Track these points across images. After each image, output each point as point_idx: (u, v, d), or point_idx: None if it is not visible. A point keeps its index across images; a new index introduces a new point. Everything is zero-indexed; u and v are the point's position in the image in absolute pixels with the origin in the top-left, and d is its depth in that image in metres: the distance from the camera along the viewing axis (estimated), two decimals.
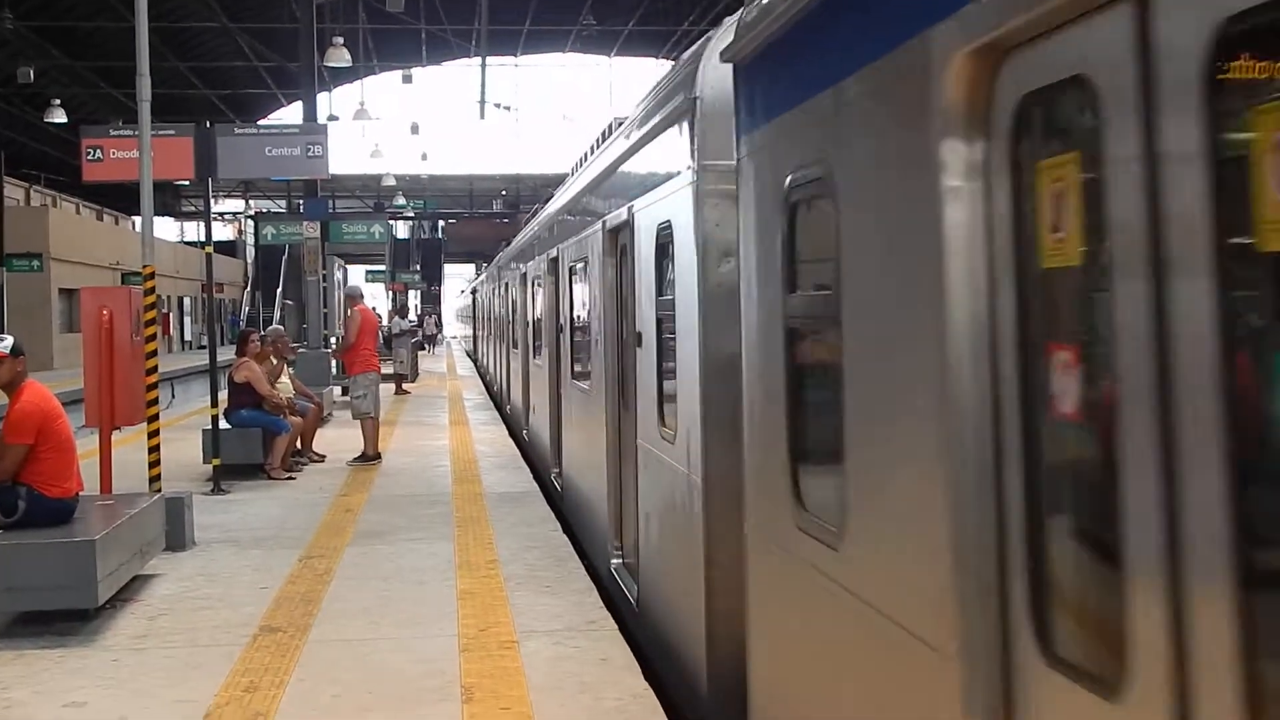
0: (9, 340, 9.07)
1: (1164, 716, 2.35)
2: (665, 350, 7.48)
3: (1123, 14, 2.48)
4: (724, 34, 6.23)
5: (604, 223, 9.91)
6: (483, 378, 36.90)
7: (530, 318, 18.60)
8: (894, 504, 3.59)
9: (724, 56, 5.67)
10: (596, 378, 10.58)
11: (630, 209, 8.54)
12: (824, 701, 4.38)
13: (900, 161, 3.48)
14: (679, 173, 6.96)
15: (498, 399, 27.46)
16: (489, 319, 34.96)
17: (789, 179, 4.55)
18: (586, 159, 12.81)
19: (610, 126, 11.21)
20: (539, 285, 16.78)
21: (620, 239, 9.37)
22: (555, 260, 14.64)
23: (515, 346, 21.95)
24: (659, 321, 7.64)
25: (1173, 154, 2.34)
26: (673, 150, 7.21)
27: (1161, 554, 2.36)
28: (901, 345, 3.49)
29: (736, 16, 5.68)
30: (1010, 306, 3.00)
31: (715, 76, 6.27)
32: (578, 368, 12.48)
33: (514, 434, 20.71)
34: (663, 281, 7.55)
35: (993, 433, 3.06)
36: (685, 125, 6.81)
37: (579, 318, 12.35)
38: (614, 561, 9.78)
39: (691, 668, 6.77)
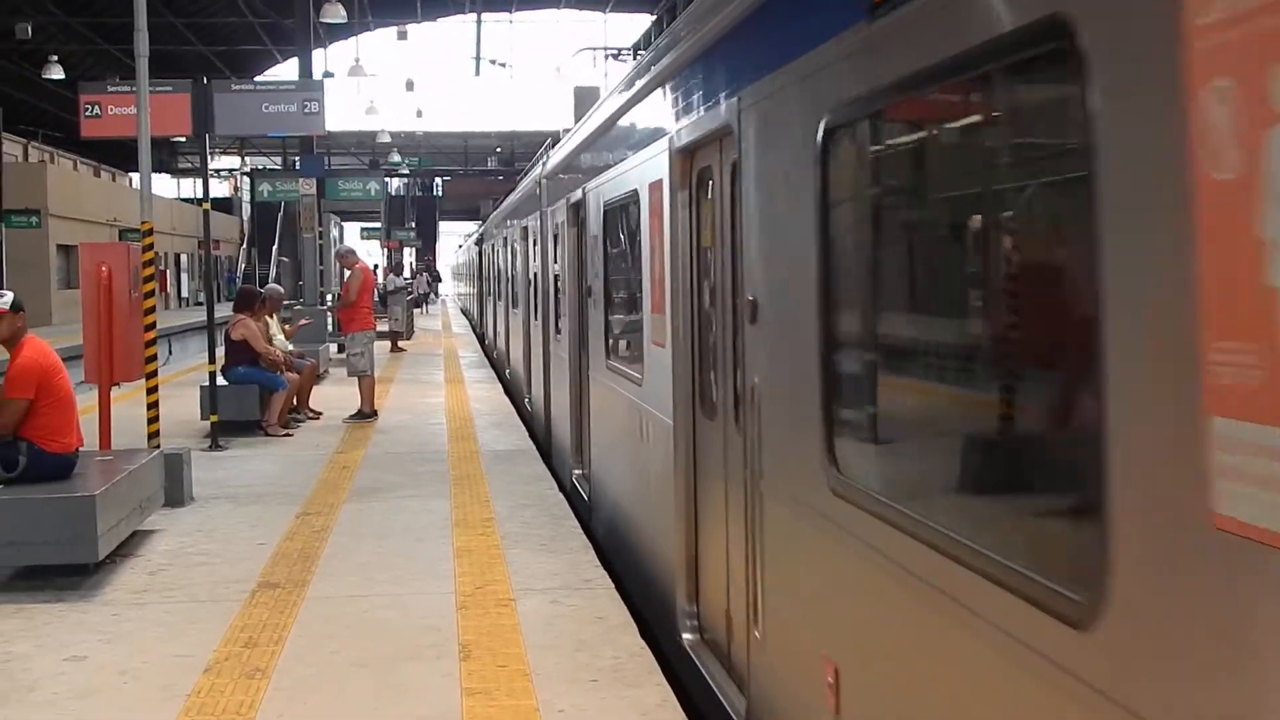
0: (9, 296, 9.10)
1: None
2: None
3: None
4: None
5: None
6: (475, 329, 37.11)
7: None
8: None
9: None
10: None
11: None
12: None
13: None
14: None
15: (489, 350, 27.76)
16: (478, 276, 36.92)
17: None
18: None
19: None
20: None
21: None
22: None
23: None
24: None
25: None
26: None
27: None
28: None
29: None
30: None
31: None
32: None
33: (499, 374, 21.78)
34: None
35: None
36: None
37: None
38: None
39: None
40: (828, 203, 4.34)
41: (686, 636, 6.90)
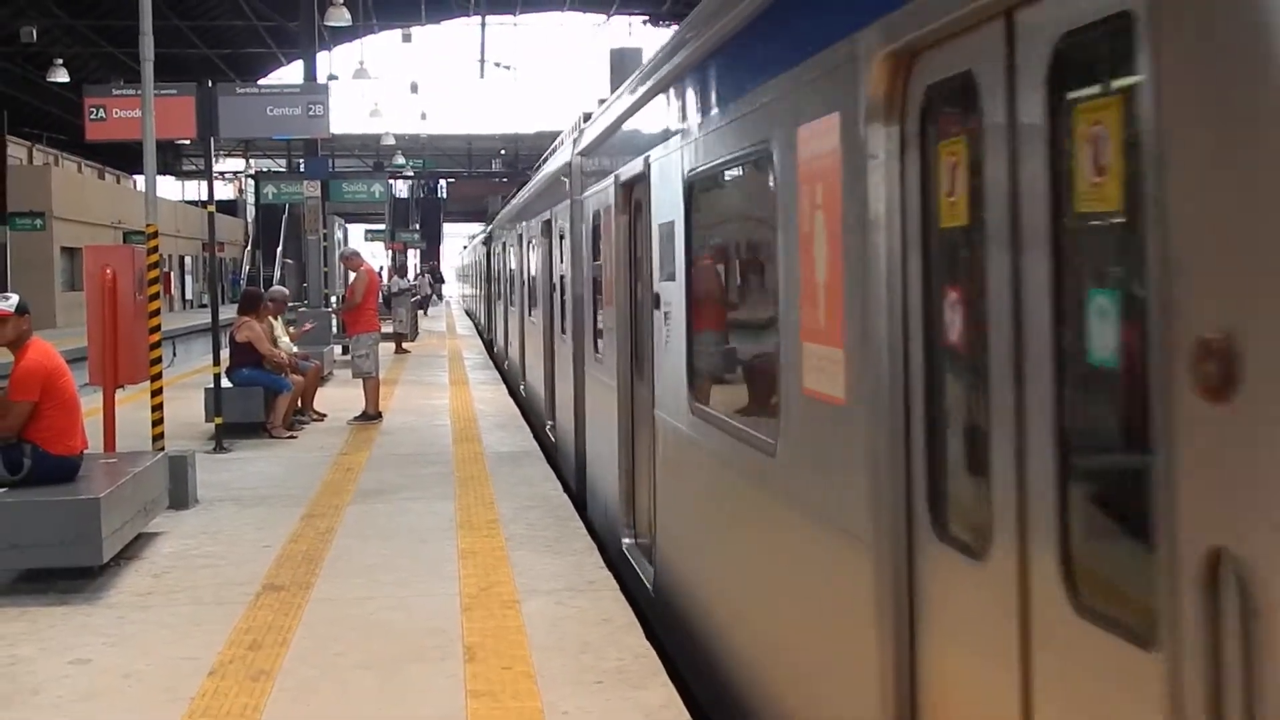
0: (14, 298, 9.10)
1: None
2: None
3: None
4: None
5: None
6: (481, 335, 37.19)
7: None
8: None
9: None
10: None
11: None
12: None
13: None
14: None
15: (498, 360, 27.58)
16: (486, 279, 35.69)
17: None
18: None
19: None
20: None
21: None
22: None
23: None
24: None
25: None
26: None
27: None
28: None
29: None
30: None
31: None
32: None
33: (512, 389, 20.98)
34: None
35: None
36: None
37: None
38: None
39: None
40: None
41: None
